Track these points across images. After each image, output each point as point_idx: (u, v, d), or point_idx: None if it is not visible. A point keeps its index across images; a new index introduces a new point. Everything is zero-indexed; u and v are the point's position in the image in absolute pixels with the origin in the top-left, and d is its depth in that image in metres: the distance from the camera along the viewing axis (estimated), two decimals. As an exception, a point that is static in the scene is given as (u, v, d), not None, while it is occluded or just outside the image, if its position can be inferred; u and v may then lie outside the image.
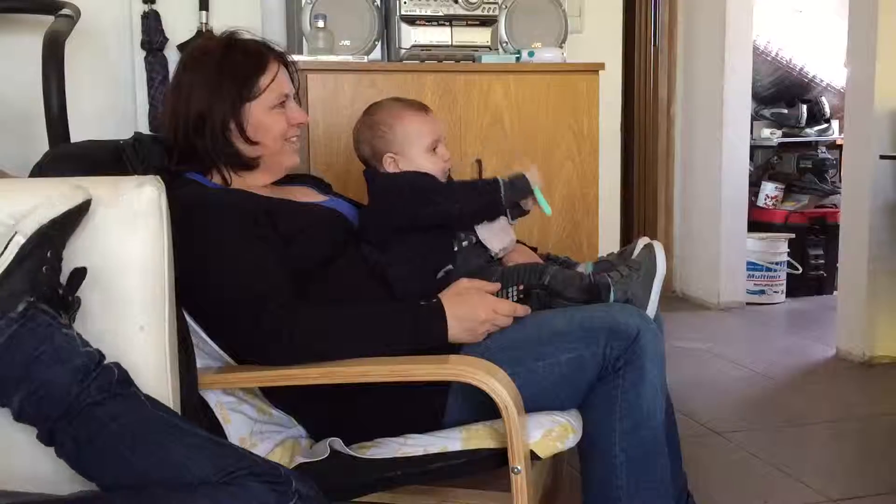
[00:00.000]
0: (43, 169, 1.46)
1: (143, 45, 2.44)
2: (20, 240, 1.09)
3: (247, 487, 1.03)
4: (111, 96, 2.53)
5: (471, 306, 1.44)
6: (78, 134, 1.88)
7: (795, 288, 4.44)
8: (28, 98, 2.00)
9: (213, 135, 1.51)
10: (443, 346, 1.45)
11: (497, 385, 1.32)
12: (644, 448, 1.45)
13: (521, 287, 1.51)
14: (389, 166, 1.65)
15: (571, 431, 1.42)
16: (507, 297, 1.52)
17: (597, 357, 1.42)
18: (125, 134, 1.62)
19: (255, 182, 1.59)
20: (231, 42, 1.55)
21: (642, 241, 1.63)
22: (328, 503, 1.13)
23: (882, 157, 3.10)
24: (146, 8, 2.45)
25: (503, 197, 1.58)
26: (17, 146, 2.26)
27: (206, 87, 1.50)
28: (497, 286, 1.52)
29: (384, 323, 1.44)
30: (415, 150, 1.64)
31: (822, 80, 4.75)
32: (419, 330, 1.43)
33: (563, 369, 1.44)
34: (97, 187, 1.21)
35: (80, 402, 1.06)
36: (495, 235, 1.63)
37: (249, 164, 1.56)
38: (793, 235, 4.43)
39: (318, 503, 1.09)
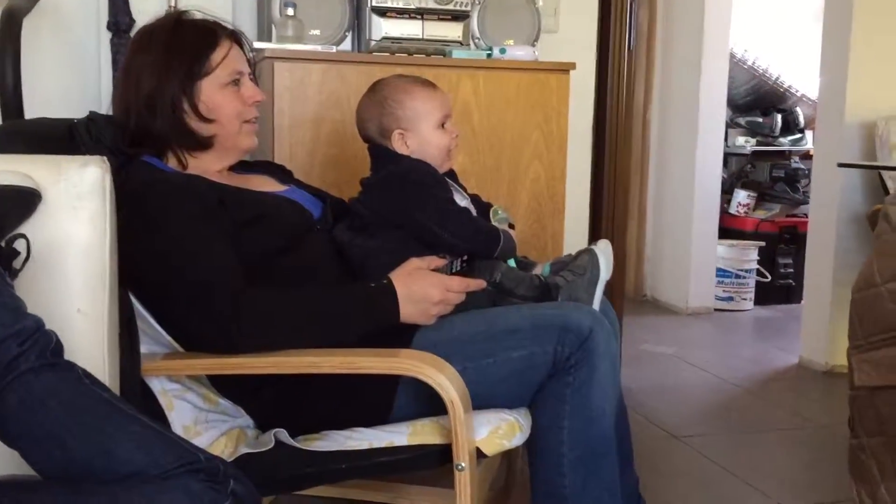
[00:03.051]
0: (-9, 145, 1.43)
1: (109, 27, 2.40)
2: None
3: (183, 484, 0.99)
4: (75, 77, 2.48)
5: (422, 286, 1.43)
6: (40, 114, 1.84)
7: (764, 296, 4.48)
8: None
9: (163, 114, 1.48)
10: (395, 329, 1.44)
11: (444, 380, 1.31)
12: (592, 447, 1.44)
13: (466, 258, 1.50)
14: (398, 143, 1.63)
15: (518, 430, 1.41)
16: (452, 268, 1.51)
17: (548, 355, 1.42)
18: (89, 115, 1.58)
19: (211, 166, 1.56)
20: (179, 21, 1.52)
21: (601, 243, 1.63)
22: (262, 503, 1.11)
23: (840, 164, 3.11)
24: (114, -12, 2.41)
25: (499, 251, 1.57)
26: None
27: (155, 67, 1.47)
28: (444, 261, 1.51)
29: (334, 305, 1.43)
30: (424, 126, 1.62)
31: (797, 91, 4.79)
32: (370, 311, 1.42)
33: (514, 366, 1.43)
34: (40, 166, 1.19)
35: (17, 366, 1.02)
36: None
37: (204, 144, 1.52)
38: (763, 244, 4.46)
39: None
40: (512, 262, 1.61)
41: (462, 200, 1.63)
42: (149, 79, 1.48)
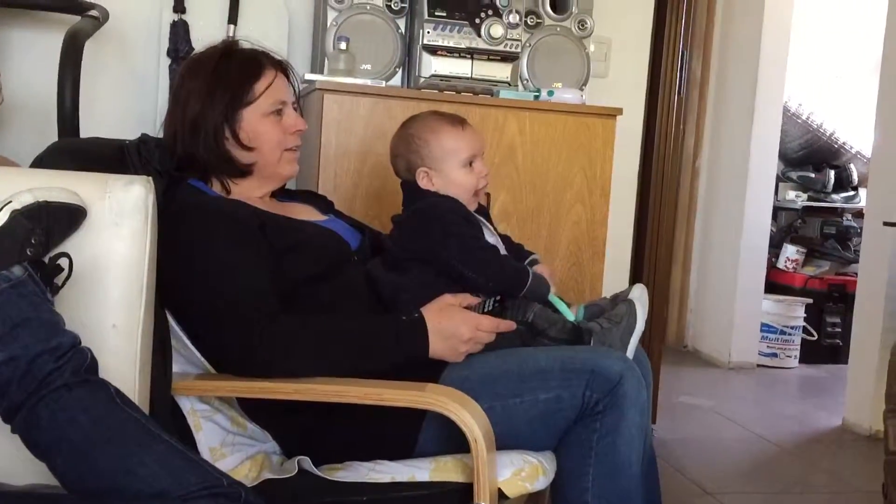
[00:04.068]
0: (44, 160, 1.48)
1: (168, 54, 2.47)
2: (15, 206, 1.10)
3: None
4: (134, 101, 2.56)
5: (454, 323, 1.43)
6: (98, 134, 1.89)
7: (809, 354, 4.37)
8: (48, 95, 2.03)
9: (206, 140, 1.51)
10: (425, 364, 1.44)
11: (468, 418, 1.30)
12: (617, 497, 1.41)
13: (499, 298, 1.49)
14: (423, 181, 1.63)
15: (542, 472, 1.39)
16: (485, 307, 1.50)
17: (576, 399, 1.40)
18: (143, 138, 1.62)
19: (253, 192, 1.59)
20: (228, 51, 1.57)
21: (637, 289, 1.61)
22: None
23: (886, 223, 3.04)
24: (176, 17, 2.49)
25: (526, 291, 1.55)
26: (33, 141, 2.29)
27: (201, 94, 1.51)
28: (477, 300, 1.50)
29: (363, 334, 1.44)
30: (449, 166, 1.62)
31: (851, 148, 4.72)
32: (399, 343, 1.43)
33: (541, 408, 1.42)
34: (87, 183, 1.23)
35: (52, 381, 1.05)
36: None
37: (244, 171, 1.56)
38: (810, 301, 4.37)
39: None
40: (557, 300, 1.58)
41: (491, 238, 1.62)
42: (194, 105, 1.52)
